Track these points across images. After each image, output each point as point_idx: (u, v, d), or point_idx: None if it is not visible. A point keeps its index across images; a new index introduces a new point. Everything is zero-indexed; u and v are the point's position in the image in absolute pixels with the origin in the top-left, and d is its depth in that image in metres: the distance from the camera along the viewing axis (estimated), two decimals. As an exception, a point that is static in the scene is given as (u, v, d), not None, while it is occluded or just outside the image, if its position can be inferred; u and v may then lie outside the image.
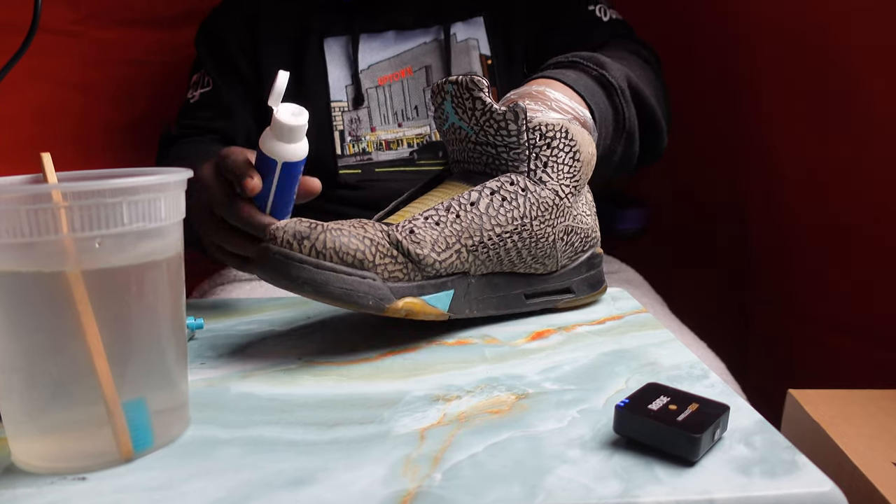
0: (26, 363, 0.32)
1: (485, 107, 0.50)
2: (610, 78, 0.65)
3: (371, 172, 0.85)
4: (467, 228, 0.48)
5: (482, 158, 0.53)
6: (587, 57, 0.66)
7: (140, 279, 0.34)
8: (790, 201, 0.94)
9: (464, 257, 0.48)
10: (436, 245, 0.47)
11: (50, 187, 0.31)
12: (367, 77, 0.86)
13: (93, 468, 0.33)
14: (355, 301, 0.45)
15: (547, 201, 0.51)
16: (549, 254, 0.53)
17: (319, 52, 0.86)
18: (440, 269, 0.48)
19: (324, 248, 0.44)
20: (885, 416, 0.61)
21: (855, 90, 0.79)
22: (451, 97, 0.52)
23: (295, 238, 0.45)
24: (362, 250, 0.45)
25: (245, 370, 0.46)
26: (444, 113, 0.53)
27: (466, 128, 0.52)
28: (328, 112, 0.85)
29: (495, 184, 0.50)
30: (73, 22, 0.99)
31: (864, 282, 0.84)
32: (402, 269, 0.46)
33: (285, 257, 0.44)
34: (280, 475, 0.33)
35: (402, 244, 0.46)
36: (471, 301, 0.51)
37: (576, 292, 0.56)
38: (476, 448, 0.35)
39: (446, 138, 0.55)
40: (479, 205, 0.49)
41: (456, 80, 0.51)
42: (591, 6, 0.86)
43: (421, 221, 0.48)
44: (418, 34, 0.87)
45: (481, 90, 0.50)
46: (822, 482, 0.31)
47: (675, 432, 0.33)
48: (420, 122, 0.86)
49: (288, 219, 0.49)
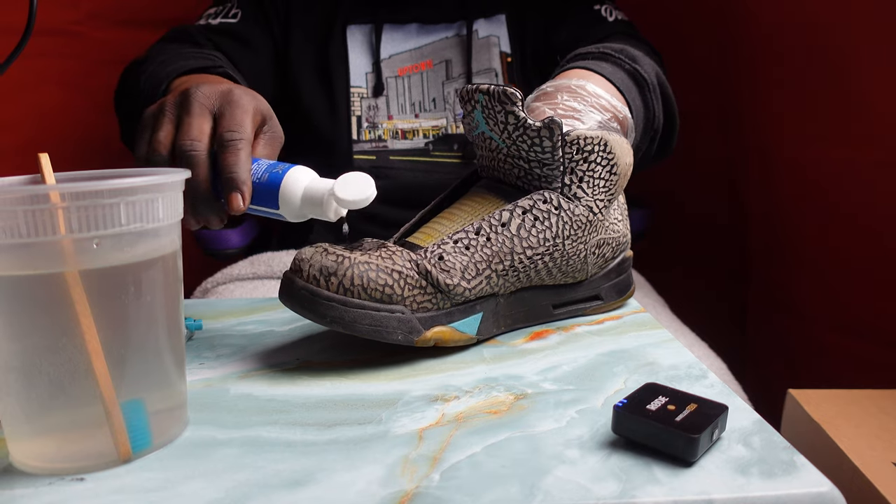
0: (24, 363, 0.32)
1: (518, 121, 0.48)
2: (643, 73, 0.63)
3: (385, 160, 0.86)
4: (498, 252, 0.47)
5: (513, 171, 0.50)
6: (619, 49, 0.64)
7: (138, 279, 0.34)
8: (790, 201, 0.94)
9: (493, 282, 0.47)
10: (466, 272, 0.46)
11: (48, 188, 0.31)
12: (387, 67, 0.87)
13: (91, 469, 0.33)
14: (384, 337, 0.44)
15: (580, 219, 0.50)
16: (579, 268, 0.52)
17: (342, 38, 0.87)
18: (469, 296, 0.47)
19: (351, 286, 0.43)
20: (885, 416, 0.61)
21: (855, 90, 0.79)
22: (482, 107, 0.49)
23: (322, 274, 0.43)
24: (390, 284, 0.44)
25: (244, 370, 0.46)
26: (473, 121, 0.51)
27: (498, 140, 0.50)
28: (347, 97, 0.86)
29: (527, 202, 0.49)
30: (73, 22, 0.99)
31: (863, 282, 0.83)
32: (431, 300, 0.45)
33: (311, 294, 0.43)
34: (278, 476, 0.33)
35: (432, 274, 0.45)
36: (498, 319, 0.50)
37: (604, 299, 0.55)
38: (474, 448, 0.35)
39: (476, 143, 0.53)
40: (510, 226, 0.48)
41: (487, 90, 0.48)
42: (597, 6, 0.86)
43: (450, 246, 0.46)
44: (441, 28, 0.88)
45: (514, 104, 0.48)
46: (820, 482, 0.31)
47: (673, 433, 0.33)
48: (437, 115, 0.87)
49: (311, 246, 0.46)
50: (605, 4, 0.86)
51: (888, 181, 0.77)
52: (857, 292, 0.85)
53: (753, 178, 1.02)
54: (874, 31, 0.76)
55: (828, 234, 0.88)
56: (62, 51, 0.98)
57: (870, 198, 0.80)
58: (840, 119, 0.82)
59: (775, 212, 0.98)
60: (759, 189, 1.01)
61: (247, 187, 0.47)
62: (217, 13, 0.86)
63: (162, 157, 0.48)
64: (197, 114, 0.49)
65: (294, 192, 0.47)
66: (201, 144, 0.47)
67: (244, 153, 0.47)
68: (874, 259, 0.81)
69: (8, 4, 0.70)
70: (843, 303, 0.87)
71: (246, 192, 0.47)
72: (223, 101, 0.50)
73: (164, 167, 0.48)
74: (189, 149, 0.47)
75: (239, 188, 0.46)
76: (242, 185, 0.46)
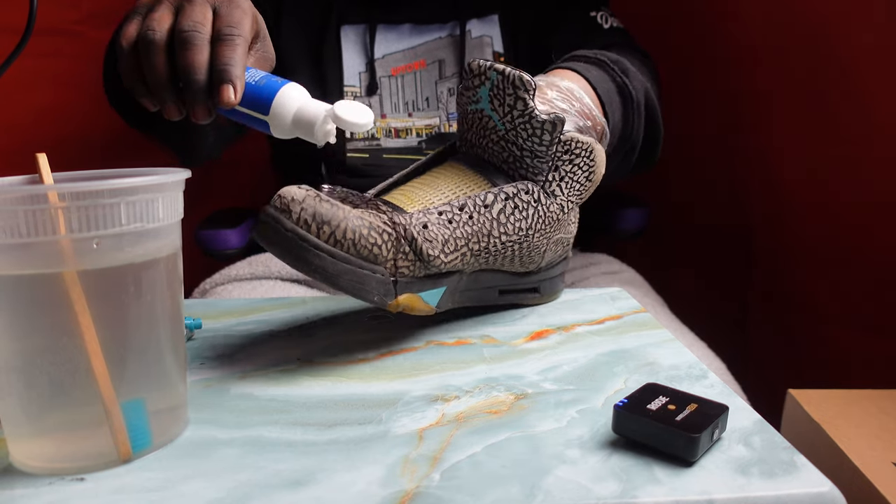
0: (24, 363, 0.32)
1: (526, 109, 0.48)
2: (631, 88, 0.64)
3: (379, 158, 0.86)
4: (477, 232, 0.48)
5: (502, 154, 0.51)
6: (614, 60, 0.65)
7: (138, 279, 0.34)
8: (790, 201, 0.94)
9: (466, 260, 0.48)
10: (446, 246, 0.46)
11: (48, 188, 0.31)
12: (381, 66, 0.87)
13: (91, 469, 0.33)
14: (362, 295, 0.43)
15: (552, 216, 0.51)
16: (536, 260, 0.54)
17: (336, 38, 0.87)
18: (442, 269, 0.47)
19: (343, 238, 0.42)
20: (885, 416, 0.61)
21: (855, 89, 0.79)
22: (492, 85, 0.49)
23: (314, 220, 0.42)
24: (379, 245, 0.43)
25: (244, 370, 0.46)
26: (475, 95, 0.51)
27: (497, 121, 0.50)
28: (341, 95, 0.86)
29: (511, 189, 0.49)
30: (73, 22, 0.99)
31: (864, 281, 0.83)
32: (410, 266, 0.45)
33: (301, 239, 0.41)
34: (279, 476, 0.33)
35: (417, 242, 0.45)
36: (455, 295, 0.50)
37: (541, 293, 0.57)
38: (475, 448, 0.35)
39: (467, 118, 0.53)
40: (492, 209, 0.48)
41: (503, 70, 0.48)
42: (593, 12, 0.86)
43: (435, 217, 0.46)
44: (434, 29, 0.88)
45: (527, 91, 0.48)
46: (820, 482, 0.31)
47: (673, 432, 0.33)
48: (430, 114, 0.87)
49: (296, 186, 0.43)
50: (602, 11, 0.86)
51: (889, 180, 0.77)
52: (857, 292, 0.85)
53: (754, 177, 1.02)
54: (874, 31, 0.76)
55: (828, 232, 0.88)
56: (62, 51, 0.98)
57: (870, 196, 0.80)
58: (840, 118, 0.82)
59: (775, 210, 0.98)
60: (760, 187, 1.01)
61: (240, 82, 0.46)
62: None
63: (157, 36, 0.47)
64: (199, 3, 0.48)
65: (289, 104, 0.46)
66: (204, 28, 0.47)
67: (241, 49, 0.47)
68: (874, 259, 0.81)
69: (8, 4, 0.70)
70: (844, 302, 0.87)
71: (238, 85, 0.46)
72: (223, 0, 0.49)
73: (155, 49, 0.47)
74: (192, 28, 0.46)
75: (232, 81, 0.46)
76: (236, 80, 0.46)
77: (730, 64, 0.99)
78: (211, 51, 0.47)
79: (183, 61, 0.46)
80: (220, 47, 0.46)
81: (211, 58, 0.47)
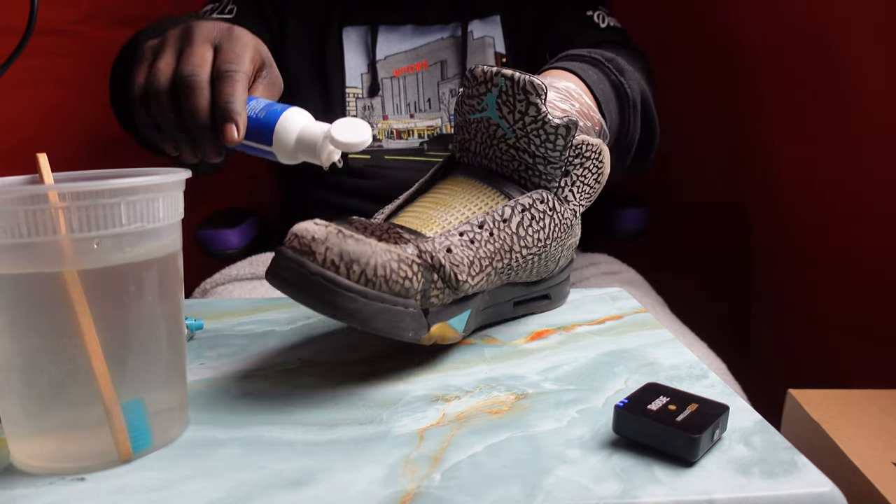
0: (25, 363, 0.32)
1: (539, 114, 0.47)
2: (628, 88, 0.64)
3: (380, 159, 0.86)
4: (499, 249, 0.46)
5: (513, 164, 0.49)
6: (609, 59, 0.64)
7: (138, 279, 0.34)
8: (790, 201, 0.94)
9: (491, 279, 0.46)
10: (472, 268, 0.44)
11: (49, 188, 0.31)
12: (383, 67, 0.87)
13: (91, 469, 0.33)
14: (397, 333, 0.40)
15: (567, 222, 0.50)
16: (551, 269, 0.52)
17: (338, 40, 0.87)
18: (469, 292, 0.45)
19: (374, 276, 0.39)
20: (885, 416, 0.61)
21: (854, 90, 0.79)
22: (500, 91, 0.47)
23: (342, 259, 0.38)
24: (409, 277, 0.40)
25: (244, 371, 0.46)
26: (481, 103, 0.49)
27: (507, 129, 0.48)
28: (342, 97, 0.86)
29: (527, 200, 0.48)
30: (73, 22, 0.99)
31: (864, 281, 0.83)
32: (439, 295, 0.42)
33: (329, 282, 0.38)
34: (279, 475, 0.33)
35: (445, 269, 0.42)
36: (478, 315, 0.49)
37: (552, 299, 0.56)
38: (475, 448, 0.35)
39: (471, 127, 0.51)
40: (511, 223, 0.47)
41: (511, 76, 0.46)
42: (590, 11, 0.86)
43: (457, 239, 0.44)
44: (436, 30, 0.88)
45: (539, 96, 0.46)
46: (821, 482, 0.31)
47: (674, 432, 0.33)
48: (432, 115, 0.87)
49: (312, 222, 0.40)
50: (598, 10, 0.86)
51: (888, 180, 0.77)
52: (857, 292, 0.85)
53: (754, 178, 1.02)
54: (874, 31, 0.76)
55: (828, 233, 0.88)
56: (62, 51, 0.98)
57: (870, 197, 0.80)
58: (840, 118, 0.82)
59: (775, 211, 0.98)
60: (760, 188, 1.01)
61: (241, 119, 0.47)
62: (213, 10, 0.86)
63: (161, 84, 0.48)
64: (199, 43, 0.49)
65: (290, 130, 0.46)
66: (203, 71, 0.48)
67: (241, 85, 0.47)
68: (874, 259, 0.81)
69: (8, 4, 0.69)
70: (844, 302, 0.87)
71: (241, 122, 0.46)
72: (223, 36, 0.50)
73: (162, 98, 0.48)
74: (190, 73, 0.47)
75: (234, 118, 0.46)
76: (237, 116, 0.46)
77: (730, 64, 1.00)
78: (212, 89, 0.47)
79: (185, 106, 0.47)
80: (221, 85, 0.47)
81: (212, 96, 0.47)
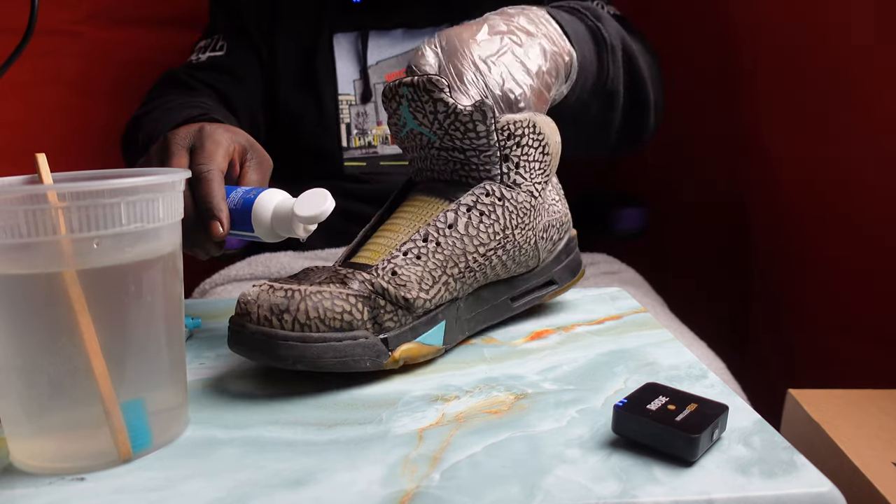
0: (24, 363, 0.32)
1: (448, 108, 0.46)
2: (604, 32, 0.62)
3: (376, 166, 0.86)
4: (451, 257, 0.45)
5: (448, 165, 0.48)
6: (588, 7, 0.64)
7: (138, 279, 0.34)
8: (790, 201, 0.94)
9: (452, 286, 0.46)
10: (422, 283, 0.44)
11: (48, 188, 0.31)
12: (374, 73, 0.87)
13: (91, 468, 0.33)
14: (352, 367, 0.41)
15: (524, 206, 0.49)
16: (532, 255, 0.51)
17: (328, 47, 0.87)
18: (430, 307, 0.45)
19: (307, 319, 0.40)
20: (885, 416, 0.61)
21: (854, 90, 0.79)
22: (408, 101, 0.47)
23: (273, 312, 0.40)
24: (348, 310, 0.41)
25: (244, 370, 0.46)
26: (400, 119, 0.49)
27: (429, 133, 0.48)
28: (335, 105, 0.86)
29: (470, 199, 0.47)
30: (73, 22, 0.99)
31: (864, 281, 0.83)
32: (393, 318, 0.43)
33: (266, 336, 0.40)
34: (279, 475, 0.33)
35: (389, 291, 0.42)
36: (462, 323, 0.48)
37: (559, 282, 0.54)
38: (475, 448, 0.35)
39: (405, 146, 0.51)
40: (457, 226, 0.46)
41: (411, 81, 0.46)
42: (591, 1, 0.86)
43: (401, 259, 0.44)
44: (427, 32, 0.87)
45: (441, 90, 0.45)
46: (820, 482, 0.31)
47: (673, 432, 0.33)
48: None
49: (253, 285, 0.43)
50: (597, 0, 0.86)
51: (888, 180, 0.77)
52: (857, 291, 0.85)
53: (754, 178, 1.02)
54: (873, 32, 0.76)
55: (828, 233, 0.88)
56: (62, 51, 0.98)
57: (870, 197, 0.80)
58: (840, 119, 0.82)
59: (775, 211, 0.98)
60: (760, 189, 1.01)
61: (223, 214, 0.49)
62: (206, 46, 0.88)
63: None
64: (175, 153, 0.52)
65: (264, 213, 0.49)
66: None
67: (216, 182, 0.50)
68: (874, 259, 0.81)
69: (8, 4, 0.70)
70: (844, 302, 0.87)
71: (223, 218, 0.49)
72: (195, 139, 0.53)
73: None
74: None
75: (216, 216, 0.49)
76: (219, 213, 0.49)
77: (730, 64, 1.00)
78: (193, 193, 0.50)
79: None
80: (198, 187, 0.50)
81: (195, 199, 0.50)
